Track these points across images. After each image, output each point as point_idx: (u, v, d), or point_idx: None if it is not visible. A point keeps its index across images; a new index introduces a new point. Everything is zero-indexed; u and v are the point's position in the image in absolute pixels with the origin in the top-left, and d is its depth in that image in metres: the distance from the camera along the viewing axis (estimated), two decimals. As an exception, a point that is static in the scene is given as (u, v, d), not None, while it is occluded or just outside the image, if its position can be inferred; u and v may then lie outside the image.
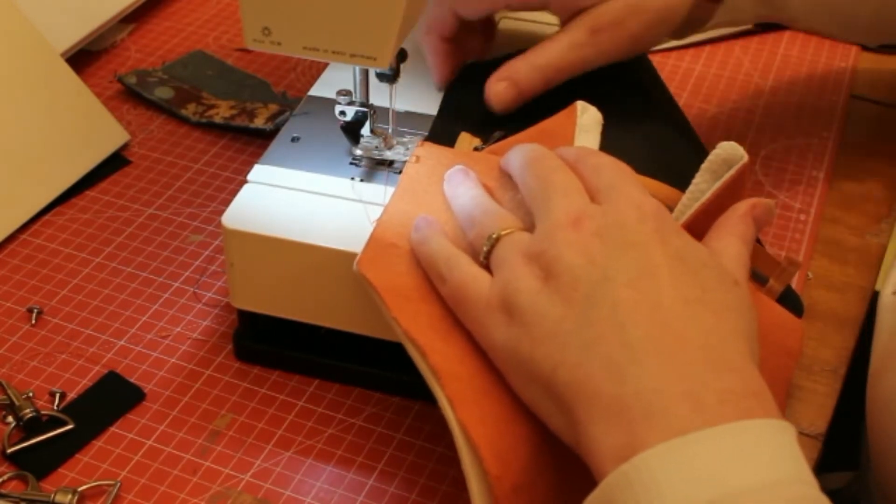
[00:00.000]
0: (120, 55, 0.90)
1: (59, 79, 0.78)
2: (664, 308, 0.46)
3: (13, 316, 0.67)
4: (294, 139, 0.66)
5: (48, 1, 0.83)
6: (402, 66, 0.63)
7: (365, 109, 0.62)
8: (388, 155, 0.63)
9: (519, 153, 0.57)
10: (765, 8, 0.73)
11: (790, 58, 0.92)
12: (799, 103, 0.87)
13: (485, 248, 0.52)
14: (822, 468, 0.62)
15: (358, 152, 0.63)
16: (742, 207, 0.54)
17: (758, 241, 0.61)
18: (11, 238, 0.72)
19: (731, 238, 0.53)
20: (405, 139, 0.64)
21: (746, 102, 0.87)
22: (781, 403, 0.55)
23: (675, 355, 0.45)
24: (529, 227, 0.52)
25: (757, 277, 0.60)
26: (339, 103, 0.63)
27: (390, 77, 0.61)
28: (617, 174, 0.53)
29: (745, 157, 0.57)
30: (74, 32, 0.86)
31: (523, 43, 0.67)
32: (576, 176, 0.54)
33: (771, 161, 0.80)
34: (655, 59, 0.77)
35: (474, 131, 0.63)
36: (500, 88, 0.63)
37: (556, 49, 0.64)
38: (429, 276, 0.54)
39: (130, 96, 0.85)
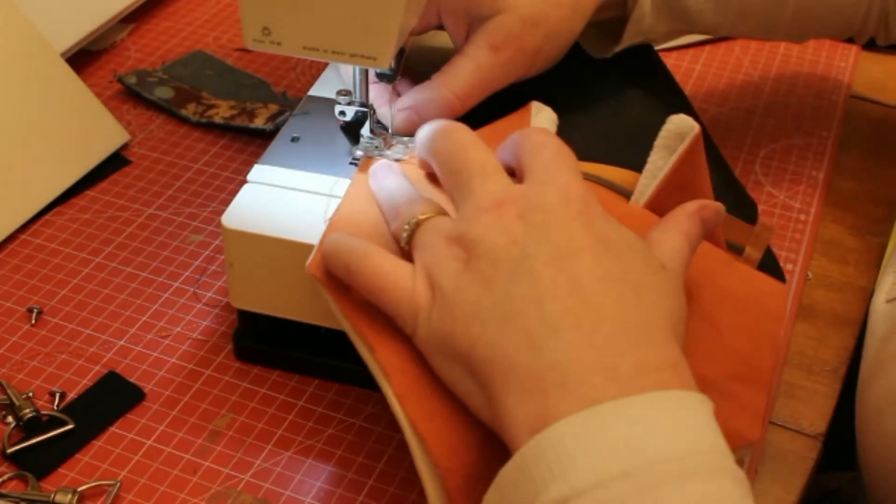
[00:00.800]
0: (120, 55, 0.90)
1: (59, 79, 0.78)
2: (583, 285, 0.46)
3: (13, 316, 0.67)
4: (294, 139, 0.66)
5: (48, 1, 0.83)
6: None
7: (365, 109, 0.62)
8: (388, 155, 0.63)
9: (427, 131, 0.57)
10: (677, 23, 0.72)
11: (790, 58, 0.92)
12: (799, 103, 0.87)
13: (405, 234, 0.52)
14: (822, 468, 0.62)
15: (358, 152, 0.63)
16: (691, 207, 0.54)
17: (732, 214, 0.61)
18: (11, 238, 0.72)
19: (673, 232, 0.53)
20: (405, 139, 0.64)
21: (746, 102, 0.87)
22: (769, 368, 0.55)
23: (592, 328, 0.45)
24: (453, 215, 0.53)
25: (733, 248, 0.60)
26: (339, 103, 0.62)
27: (390, 77, 0.61)
28: (555, 156, 0.53)
29: (697, 128, 0.57)
30: (74, 32, 0.86)
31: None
32: (510, 150, 0.54)
33: (771, 161, 0.80)
34: (655, 59, 0.77)
35: None
36: (399, 119, 0.63)
37: (461, 74, 0.63)
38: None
39: (130, 96, 0.85)
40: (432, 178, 0.58)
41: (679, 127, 0.58)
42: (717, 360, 0.53)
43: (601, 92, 0.70)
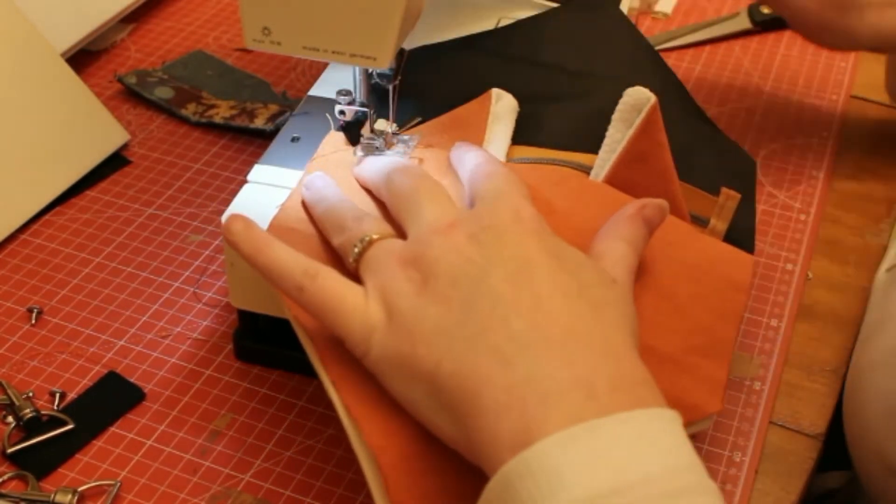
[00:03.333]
0: (120, 55, 0.90)
1: (59, 79, 0.78)
2: (544, 301, 0.46)
3: (13, 316, 0.67)
4: (294, 139, 0.66)
5: (48, 1, 0.83)
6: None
7: (365, 109, 0.62)
8: (389, 154, 0.63)
9: (380, 162, 0.57)
10: None
11: (790, 58, 0.92)
12: (799, 103, 0.87)
13: (356, 250, 0.52)
14: (822, 468, 0.62)
15: (358, 153, 0.63)
16: (631, 209, 0.54)
17: (692, 184, 0.62)
18: (11, 238, 0.72)
19: (617, 241, 0.53)
20: (405, 138, 0.64)
21: (746, 102, 0.87)
22: (732, 339, 0.55)
23: (562, 343, 0.45)
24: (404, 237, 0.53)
25: (698, 220, 0.60)
26: (339, 103, 0.62)
27: (390, 77, 0.61)
28: (504, 182, 0.53)
29: (653, 99, 0.57)
30: (74, 32, 0.86)
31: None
32: (460, 180, 0.55)
33: (771, 161, 0.80)
34: (655, 59, 0.77)
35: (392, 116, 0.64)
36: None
37: None
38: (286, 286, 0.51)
39: (130, 96, 0.85)
40: (365, 191, 0.59)
41: (636, 99, 0.58)
42: (675, 334, 0.54)
43: (566, 78, 0.70)
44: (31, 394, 0.61)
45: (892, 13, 0.73)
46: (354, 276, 0.52)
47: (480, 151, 0.57)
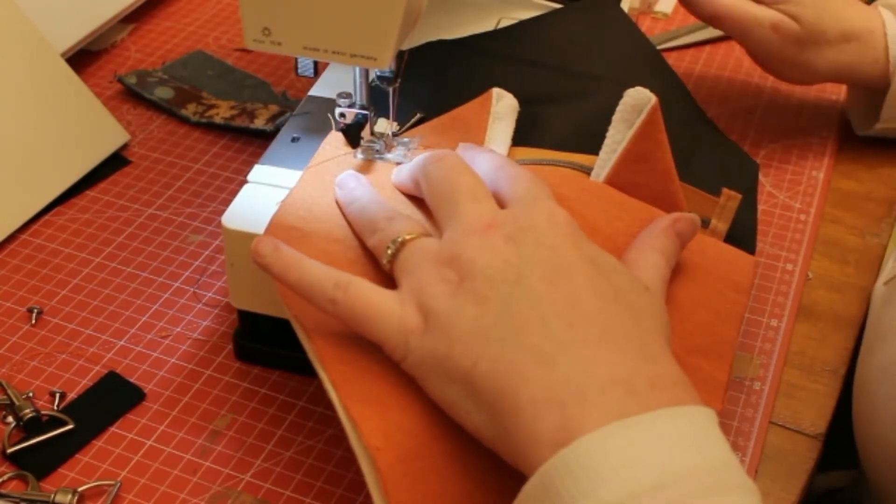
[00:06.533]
0: (120, 55, 0.90)
1: (59, 79, 0.78)
2: (582, 303, 0.47)
3: (13, 316, 0.67)
4: (294, 139, 0.66)
5: (48, 1, 0.83)
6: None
7: (365, 112, 0.62)
8: (389, 157, 0.62)
9: (421, 156, 0.57)
10: None
11: (790, 58, 0.92)
12: (799, 103, 0.87)
13: (389, 252, 0.52)
14: (823, 468, 0.62)
15: (359, 155, 0.63)
16: (664, 221, 0.55)
17: (693, 185, 0.62)
18: (11, 238, 0.72)
19: (650, 251, 0.53)
20: (405, 140, 0.64)
21: (746, 102, 0.87)
22: (734, 340, 0.56)
23: (600, 343, 0.45)
24: (433, 234, 0.53)
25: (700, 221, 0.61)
26: (340, 105, 0.62)
27: (390, 80, 0.61)
28: (533, 185, 0.53)
29: (654, 99, 0.57)
30: (74, 32, 0.86)
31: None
32: (486, 180, 0.55)
33: (771, 161, 0.80)
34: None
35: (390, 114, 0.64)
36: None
37: None
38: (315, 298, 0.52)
39: (130, 96, 0.85)
40: (396, 189, 0.59)
41: (636, 100, 0.58)
42: (676, 334, 0.54)
43: (567, 79, 0.70)
44: (31, 394, 0.61)
45: (849, 48, 0.76)
46: (387, 276, 0.52)
47: (493, 153, 0.57)
